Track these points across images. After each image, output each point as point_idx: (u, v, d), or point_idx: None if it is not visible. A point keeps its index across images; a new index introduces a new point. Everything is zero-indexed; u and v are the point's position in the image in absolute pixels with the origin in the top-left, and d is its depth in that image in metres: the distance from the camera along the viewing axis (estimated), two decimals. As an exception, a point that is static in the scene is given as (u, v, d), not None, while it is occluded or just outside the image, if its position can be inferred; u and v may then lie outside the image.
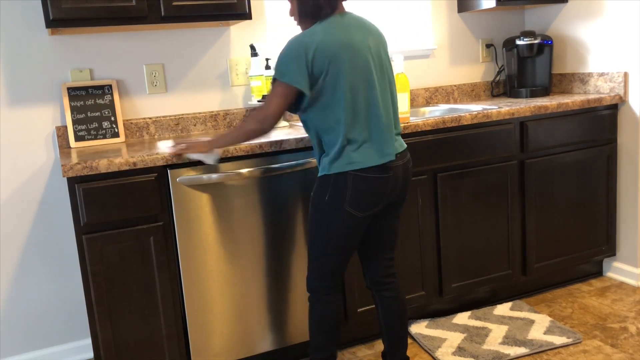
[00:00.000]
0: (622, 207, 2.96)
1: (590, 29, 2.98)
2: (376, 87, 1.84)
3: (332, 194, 1.85)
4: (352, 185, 1.82)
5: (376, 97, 1.84)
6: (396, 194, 1.93)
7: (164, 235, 2.08)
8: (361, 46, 1.82)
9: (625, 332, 2.47)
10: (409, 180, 1.97)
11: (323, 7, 1.82)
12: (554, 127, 2.72)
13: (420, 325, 2.59)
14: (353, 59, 1.80)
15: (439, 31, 3.17)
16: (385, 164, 1.84)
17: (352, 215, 1.85)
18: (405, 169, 1.93)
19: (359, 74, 1.81)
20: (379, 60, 1.88)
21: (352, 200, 1.83)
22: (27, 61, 2.41)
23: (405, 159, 1.93)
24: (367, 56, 1.83)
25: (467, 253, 2.63)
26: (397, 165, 1.89)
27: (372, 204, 1.86)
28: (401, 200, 1.99)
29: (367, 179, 1.83)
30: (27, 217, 2.48)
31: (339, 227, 1.87)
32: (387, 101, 1.89)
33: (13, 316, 2.50)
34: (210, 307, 2.18)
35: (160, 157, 2.03)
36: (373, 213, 1.88)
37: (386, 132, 1.85)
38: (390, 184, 1.87)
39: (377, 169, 1.83)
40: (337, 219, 1.86)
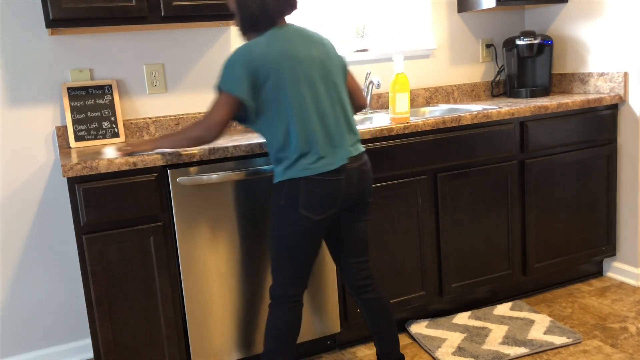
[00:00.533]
0: (622, 207, 2.96)
1: (590, 29, 2.98)
2: (322, 95, 1.86)
3: (287, 199, 1.86)
4: (304, 188, 1.84)
5: (323, 105, 1.86)
6: (353, 197, 1.92)
7: (164, 235, 2.08)
8: (304, 56, 1.85)
9: (625, 332, 2.47)
10: (368, 183, 1.96)
11: (261, 19, 1.86)
12: (554, 127, 2.73)
13: (420, 325, 2.59)
14: (296, 69, 1.82)
15: (439, 31, 3.17)
16: (339, 168, 1.86)
17: (308, 219, 1.85)
18: (361, 172, 1.92)
19: (304, 83, 1.83)
20: (324, 69, 1.89)
21: (306, 203, 1.84)
22: (27, 61, 2.41)
23: (360, 161, 1.93)
24: (310, 66, 1.85)
25: (467, 253, 2.63)
26: (351, 167, 1.89)
27: (327, 206, 1.86)
28: (363, 204, 1.98)
29: (318, 182, 1.83)
30: (27, 217, 2.48)
31: (297, 232, 1.87)
32: (335, 108, 1.90)
33: (13, 316, 2.50)
34: (210, 307, 2.18)
35: (160, 157, 2.03)
36: (329, 216, 1.88)
37: (337, 138, 1.87)
38: (344, 186, 1.87)
39: (329, 172, 1.84)
40: (294, 223, 1.87)
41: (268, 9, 1.85)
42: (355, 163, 1.91)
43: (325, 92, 1.88)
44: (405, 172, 2.44)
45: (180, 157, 2.06)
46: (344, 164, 1.87)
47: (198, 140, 1.91)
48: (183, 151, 2.06)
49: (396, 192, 2.43)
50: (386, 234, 2.44)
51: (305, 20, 2.94)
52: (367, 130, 2.32)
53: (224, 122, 1.86)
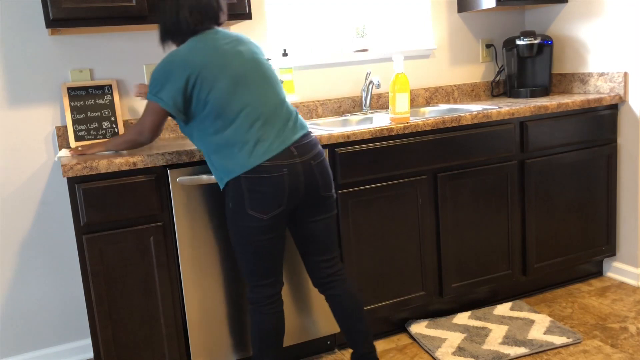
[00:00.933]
0: (622, 207, 2.96)
1: (590, 29, 2.98)
2: (253, 88, 1.86)
3: (234, 202, 1.87)
4: (247, 189, 1.83)
5: (254, 98, 1.85)
6: (303, 193, 1.88)
7: (164, 235, 2.08)
8: (231, 53, 1.86)
9: (625, 332, 2.47)
10: (321, 177, 1.91)
11: (175, 33, 1.92)
12: (554, 127, 2.73)
13: (420, 325, 2.59)
14: (221, 68, 1.83)
15: (438, 31, 3.17)
16: (277, 164, 1.82)
17: (257, 219, 1.85)
18: (306, 165, 1.87)
19: (231, 80, 1.84)
20: (254, 63, 1.89)
21: (252, 204, 1.84)
22: (27, 61, 2.41)
23: (306, 155, 1.87)
24: (237, 61, 1.86)
25: (467, 253, 2.63)
26: (294, 163, 1.84)
27: (273, 204, 1.84)
28: (320, 199, 1.94)
29: (260, 179, 1.82)
30: (27, 217, 2.48)
31: (250, 233, 1.87)
32: (269, 100, 1.88)
33: (13, 316, 2.50)
34: (210, 307, 2.18)
35: (160, 157, 2.03)
36: (280, 213, 1.86)
37: (269, 130, 1.84)
38: (288, 181, 1.84)
39: (269, 169, 1.82)
40: (246, 225, 1.86)
41: (181, 23, 1.89)
42: (300, 158, 1.86)
43: (256, 86, 1.86)
44: (405, 172, 2.44)
45: (180, 157, 2.06)
46: (287, 159, 1.83)
47: (133, 143, 2.03)
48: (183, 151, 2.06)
49: (396, 192, 2.43)
50: (386, 234, 2.44)
51: (305, 20, 2.94)
52: (367, 130, 2.32)
53: (155, 127, 1.96)
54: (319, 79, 2.92)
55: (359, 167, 2.34)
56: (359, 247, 2.40)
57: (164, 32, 1.95)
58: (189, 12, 1.88)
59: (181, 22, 1.89)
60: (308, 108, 2.88)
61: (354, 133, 2.30)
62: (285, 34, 2.89)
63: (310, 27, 2.96)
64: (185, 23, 1.89)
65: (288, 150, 1.85)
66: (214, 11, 1.92)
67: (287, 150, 1.84)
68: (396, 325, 2.62)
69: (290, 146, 1.85)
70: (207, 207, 2.12)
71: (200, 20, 1.89)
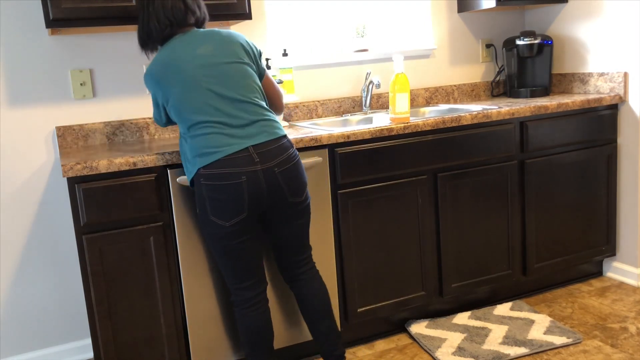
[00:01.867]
0: (622, 207, 2.96)
1: (590, 29, 2.98)
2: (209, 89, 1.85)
3: (199, 208, 1.89)
4: (207, 195, 1.84)
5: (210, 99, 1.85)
6: (267, 199, 1.86)
7: (164, 235, 2.08)
8: (185, 58, 1.88)
9: (625, 332, 2.47)
10: (282, 184, 1.87)
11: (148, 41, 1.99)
12: (554, 127, 2.72)
13: (420, 325, 2.59)
14: (174, 73, 1.87)
15: (438, 31, 3.17)
16: (235, 172, 1.80)
17: (220, 225, 1.85)
18: (269, 173, 1.84)
19: (183, 84, 1.86)
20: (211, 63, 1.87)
21: (213, 210, 1.84)
22: (27, 61, 2.41)
23: (269, 162, 1.84)
24: (189, 64, 1.86)
25: (467, 253, 2.63)
26: (254, 170, 1.82)
27: (234, 212, 1.83)
28: (288, 206, 1.92)
29: (218, 187, 1.81)
30: (27, 217, 2.48)
31: (218, 238, 1.88)
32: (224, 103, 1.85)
33: (13, 316, 2.50)
34: (210, 307, 2.18)
35: (160, 157, 2.03)
36: (242, 220, 1.84)
37: (226, 130, 1.83)
38: (247, 190, 1.81)
39: (226, 176, 1.80)
40: (212, 230, 1.88)
41: (152, 31, 1.96)
42: (261, 165, 1.83)
43: (212, 86, 1.86)
44: (405, 172, 2.44)
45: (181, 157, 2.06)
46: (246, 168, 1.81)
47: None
48: None
49: (396, 192, 2.43)
50: (386, 234, 2.44)
51: (305, 20, 2.94)
52: (367, 130, 2.32)
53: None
54: (319, 79, 2.92)
55: (359, 167, 2.34)
56: (358, 247, 2.40)
57: (140, 42, 2.03)
58: (157, 20, 1.93)
59: (151, 30, 1.95)
60: (308, 108, 2.88)
61: (354, 133, 2.30)
62: (285, 34, 2.89)
63: (310, 27, 2.96)
64: (155, 30, 1.95)
65: (249, 155, 1.82)
66: (181, 15, 1.94)
67: (248, 156, 1.82)
68: (396, 325, 2.62)
69: (250, 150, 1.82)
70: (207, 207, 2.12)
71: (168, 24, 1.93)
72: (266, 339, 1.99)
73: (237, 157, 1.81)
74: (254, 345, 1.98)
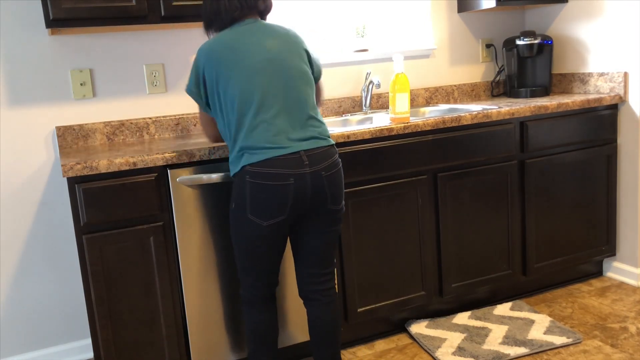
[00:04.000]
0: (622, 207, 2.96)
1: (590, 29, 2.98)
2: (270, 85, 1.81)
3: (236, 203, 1.85)
4: (249, 193, 1.80)
5: (270, 95, 1.81)
6: (309, 204, 1.82)
7: (164, 235, 2.08)
8: (253, 48, 1.83)
9: (625, 332, 2.47)
10: (326, 189, 1.83)
11: (215, 20, 1.93)
12: (554, 127, 2.73)
13: (420, 325, 2.59)
14: (237, 60, 1.82)
15: (438, 31, 3.17)
16: (285, 173, 1.77)
17: (256, 224, 1.82)
18: (316, 176, 1.80)
19: (245, 73, 1.81)
20: (277, 61, 1.84)
21: (253, 208, 1.80)
22: (27, 61, 2.41)
23: (317, 165, 1.81)
24: (256, 56, 1.82)
25: (467, 253, 2.63)
26: (303, 173, 1.79)
27: (275, 212, 1.80)
28: (325, 213, 1.88)
29: (264, 186, 1.78)
30: (27, 217, 2.48)
31: (248, 237, 1.85)
32: (287, 101, 1.82)
33: (13, 316, 2.50)
34: (210, 307, 2.18)
35: (160, 157, 2.03)
36: (280, 222, 1.82)
37: (281, 129, 1.80)
38: (293, 192, 1.78)
39: (275, 177, 1.77)
40: (245, 228, 1.84)
41: (221, 11, 1.90)
42: (309, 168, 1.80)
43: (275, 83, 1.82)
44: (405, 172, 2.44)
45: (180, 157, 2.06)
46: (295, 170, 1.78)
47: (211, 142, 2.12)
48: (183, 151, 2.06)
49: (396, 192, 2.43)
50: (386, 234, 2.44)
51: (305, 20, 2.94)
52: (367, 130, 2.32)
53: (206, 123, 2.01)
54: (319, 79, 2.92)
55: (359, 167, 2.34)
56: (359, 247, 2.40)
57: (206, 20, 1.97)
58: (229, 1, 1.89)
59: (220, 9, 1.90)
60: (308, 108, 2.88)
61: (354, 133, 2.30)
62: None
63: (310, 27, 2.96)
64: (225, 11, 1.89)
65: (299, 158, 1.79)
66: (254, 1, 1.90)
67: (298, 158, 1.79)
68: (396, 325, 2.62)
69: (301, 153, 1.79)
70: (207, 207, 2.12)
71: (239, 7, 1.89)
72: (270, 338, 1.99)
73: (287, 158, 1.78)
74: (258, 343, 1.97)
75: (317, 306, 1.98)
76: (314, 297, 1.98)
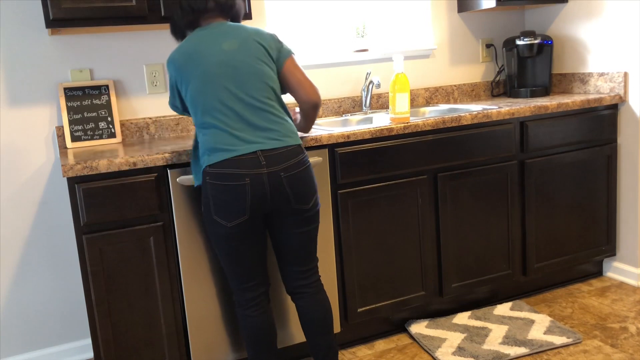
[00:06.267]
0: (622, 207, 2.96)
1: (590, 29, 2.98)
2: (226, 88, 1.83)
3: (204, 206, 1.89)
4: (211, 194, 1.83)
5: (226, 98, 1.83)
6: (270, 204, 1.83)
7: (164, 235, 2.08)
8: (208, 52, 1.86)
9: (625, 332, 2.47)
10: (286, 189, 1.83)
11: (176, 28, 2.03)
12: (554, 127, 2.72)
13: (420, 325, 2.59)
14: (195, 66, 1.86)
15: (439, 31, 3.17)
16: (240, 173, 1.78)
17: (222, 225, 1.84)
18: (274, 176, 1.81)
19: (201, 78, 1.84)
20: (232, 61, 1.84)
21: (216, 210, 1.83)
22: (27, 61, 2.41)
23: (277, 166, 1.81)
24: (211, 60, 1.85)
25: (467, 253, 2.63)
26: (259, 173, 1.79)
27: (235, 213, 1.81)
28: (293, 212, 1.88)
29: (221, 187, 1.80)
30: (27, 217, 2.48)
31: (220, 238, 1.87)
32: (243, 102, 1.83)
33: (13, 316, 2.50)
34: (210, 307, 2.18)
35: (160, 157, 2.03)
36: (244, 222, 1.82)
37: (237, 131, 1.81)
38: (250, 192, 1.79)
39: (230, 177, 1.79)
40: (214, 230, 1.87)
41: (176, 21, 1.99)
42: (267, 168, 1.80)
43: (231, 85, 1.83)
44: (405, 172, 2.44)
45: (180, 157, 2.06)
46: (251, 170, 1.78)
47: None
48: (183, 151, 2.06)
49: (396, 192, 2.43)
50: (386, 234, 2.44)
51: (305, 20, 2.94)
52: (367, 130, 2.32)
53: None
54: (319, 79, 2.92)
55: (359, 167, 2.34)
56: (358, 247, 2.40)
57: (170, 29, 2.06)
58: (179, 6, 1.95)
59: (175, 17, 1.99)
60: (308, 108, 2.88)
61: (354, 133, 2.30)
62: (285, 34, 2.89)
63: (310, 27, 2.96)
64: (177, 17, 1.98)
65: (256, 158, 1.80)
66: (202, 3, 1.91)
67: (255, 159, 1.80)
68: (396, 325, 2.62)
69: (258, 153, 1.80)
70: (207, 207, 2.12)
71: (190, 11, 1.93)
72: (268, 340, 1.98)
73: (244, 159, 1.80)
74: (255, 347, 1.97)
75: (305, 298, 2.01)
76: (300, 290, 2.02)
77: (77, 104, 2.44)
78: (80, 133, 2.44)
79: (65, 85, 2.43)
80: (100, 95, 2.48)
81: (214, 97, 1.83)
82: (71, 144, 2.42)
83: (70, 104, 2.43)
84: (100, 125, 2.47)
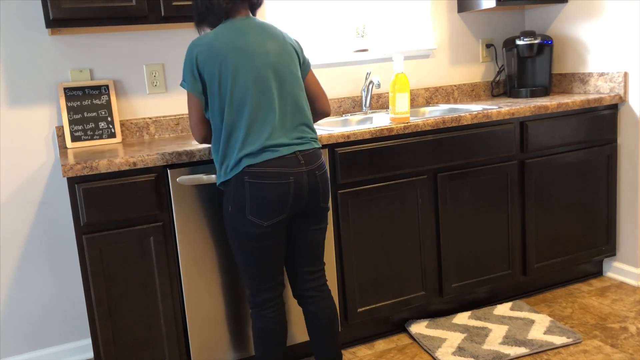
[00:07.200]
0: (622, 207, 2.96)
1: (590, 29, 2.98)
2: (271, 89, 1.82)
3: (234, 205, 1.84)
4: (250, 193, 1.80)
5: (271, 100, 1.82)
6: (303, 202, 1.86)
7: (164, 235, 2.08)
8: (254, 49, 1.82)
9: (625, 332, 2.47)
10: (320, 187, 1.88)
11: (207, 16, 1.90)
12: (554, 127, 2.73)
13: (420, 325, 2.59)
14: (243, 61, 1.81)
15: (439, 31, 3.17)
16: (285, 172, 1.80)
17: (256, 225, 1.82)
18: (311, 175, 1.85)
19: (250, 75, 1.81)
20: (276, 63, 1.85)
21: (253, 209, 1.81)
22: (27, 61, 2.41)
23: (312, 165, 1.86)
24: (260, 59, 1.82)
25: (467, 253, 2.63)
26: (301, 172, 1.82)
27: (275, 212, 1.81)
28: (316, 210, 1.92)
29: (264, 186, 1.79)
30: (27, 217, 2.48)
31: (249, 239, 1.85)
32: (285, 104, 1.84)
33: (13, 316, 2.50)
34: (210, 307, 2.18)
35: (160, 157, 2.03)
36: (279, 221, 1.83)
37: (279, 132, 1.82)
38: (293, 191, 1.81)
39: (275, 175, 1.79)
40: (244, 230, 1.84)
41: (214, 7, 1.87)
42: (305, 167, 1.84)
43: (274, 87, 1.83)
44: (405, 172, 2.44)
45: (180, 157, 2.06)
46: (294, 169, 1.81)
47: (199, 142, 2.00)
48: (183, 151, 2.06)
49: (396, 192, 2.43)
50: (386, 234, 2.44)
51: (305, 20, 2.94)
52: (367, 130, 2.32)
53: (198, 120, 1.91)
54: (319, 79, 2.92)
55: (359, 167, 2.34)
56: (358, 247, 2.40)
57: (198, 16, 1.93)
58: None
59: (213, 3, 1.87)
60: (308, 108, 2.88)
61: (354, 133, 2.30)
62: (285, 34, 2.88)
63: (310, 27, 2.96)
64: (217, 5, 1.87)
65: (295, 157, 1.83)
66: None
67: (294, 158, 1.82)
68: (396, 325, 2.62)
69: (297, 153, 1.83)
70: (207, 207, 2.12)
71: (229, 4, 1.87)
72: (280, 341, 1.97)
73: (286, 158, 1.81)
74: (267, 347, 1.96)
75: (315, 302, 2.00)
76: (310, 294, 2.00)
77: (77, 104, 2.45)
78: (80, 133, 2.44)
79: (65, 85, 2.43)
80: (100, 95, 2.49)
81: (260, 96, 1.81)
82: (71, 144, 2.42)
83: (70, 104, 2.43)
84: (100, 125, 2.48)
